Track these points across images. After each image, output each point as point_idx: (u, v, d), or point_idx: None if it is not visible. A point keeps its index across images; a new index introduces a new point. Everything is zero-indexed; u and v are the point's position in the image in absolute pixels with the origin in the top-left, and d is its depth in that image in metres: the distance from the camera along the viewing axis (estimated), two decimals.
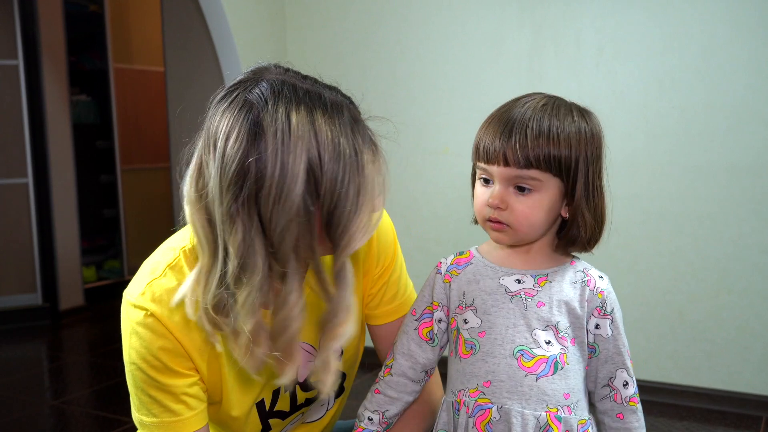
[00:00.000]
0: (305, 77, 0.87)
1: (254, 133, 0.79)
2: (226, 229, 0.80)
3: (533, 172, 0.91)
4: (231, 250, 0.80)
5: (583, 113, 0.97)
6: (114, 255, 4.85)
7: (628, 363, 0.98)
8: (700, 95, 2.48)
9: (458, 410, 0.96)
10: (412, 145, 2.99)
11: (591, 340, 0.97)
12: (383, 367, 1.07)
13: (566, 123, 0.93)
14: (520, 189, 0.93)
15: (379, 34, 3.02)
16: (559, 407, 0.93)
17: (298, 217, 0.79)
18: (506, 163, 0.91)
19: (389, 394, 1.05)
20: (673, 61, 2.51)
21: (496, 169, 0.93)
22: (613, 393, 0.98)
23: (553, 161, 0.91)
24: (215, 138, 0.81)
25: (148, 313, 0.90)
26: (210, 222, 0.83)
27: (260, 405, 1.04)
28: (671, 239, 2.57)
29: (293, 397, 1.07)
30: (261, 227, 0.80)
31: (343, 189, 0.81)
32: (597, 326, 0.97)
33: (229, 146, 0.79)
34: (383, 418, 1.05)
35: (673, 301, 2.59)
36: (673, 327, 2.60)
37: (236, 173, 0.78)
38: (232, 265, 0.81)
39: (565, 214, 0.97)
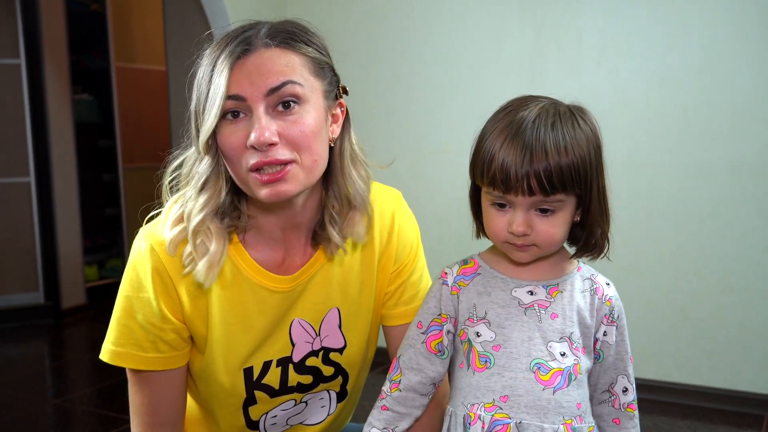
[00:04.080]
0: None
1: None
2: None
3: (559, 196, 0.89)
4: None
5: (583, 117, 0.94)
6: (116, 254, 4.85)
7: (630, 369, 1.00)
8: (702, 94, 2.48)
9: (470, 424, 0.94)
10: (413, 144, 2.99)
11: (597, 347, 0.98)
12: (389, 383, 1.03)
13: (578, 136, 0.90)
14: (543, 211, 0.91)
15: (381, 33, 3.02)
16: (573, 418, 0.93)
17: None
18: (530, 192, 0.88)
19: (398, 410, 1.02)
20: (674, 60, 2.51)
21: (519, 199, 0.89)
22: (612, 398, 1.00)
23: (575, 181, 0.89)
24: None
25: (153, 250, 0.99)
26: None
27: (248, 372, 1.05)
28: (673, 238, 2.57)
29: (284, 374, 1.07)
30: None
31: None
32: (605, 333, 0.98)
33: None
34: None
35: (674, 299, 2.59)
36: (674, 326, 2.60)
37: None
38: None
39: (577, 218, 0.96)
